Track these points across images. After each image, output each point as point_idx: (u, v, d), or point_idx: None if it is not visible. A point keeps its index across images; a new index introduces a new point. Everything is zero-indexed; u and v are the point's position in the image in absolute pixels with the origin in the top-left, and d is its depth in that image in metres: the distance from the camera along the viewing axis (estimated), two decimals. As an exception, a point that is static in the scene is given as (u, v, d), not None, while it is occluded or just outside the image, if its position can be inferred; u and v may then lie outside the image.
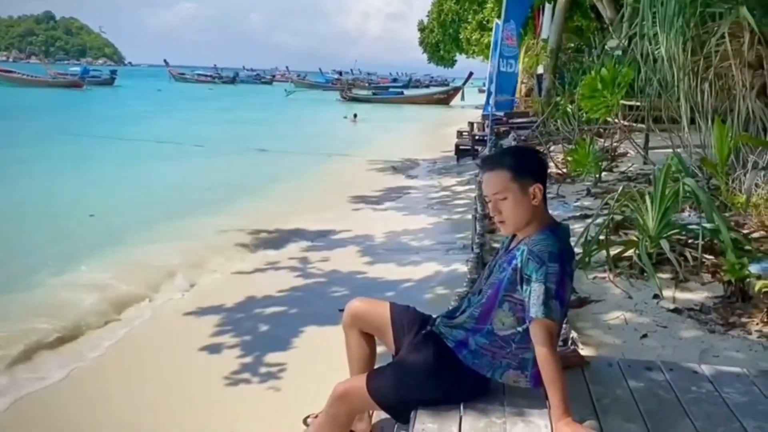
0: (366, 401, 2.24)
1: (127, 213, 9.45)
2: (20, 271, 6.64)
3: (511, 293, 2.13)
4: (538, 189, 2.15)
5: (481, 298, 2.23)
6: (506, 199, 2.14)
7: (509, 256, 2.18)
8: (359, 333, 2.55)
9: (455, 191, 11.21)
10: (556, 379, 2.01)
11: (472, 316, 2.23)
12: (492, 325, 2.18)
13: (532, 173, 2.17)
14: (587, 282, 4.34)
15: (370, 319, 2.52)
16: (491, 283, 2.21)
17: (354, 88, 56.19)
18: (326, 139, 21.58)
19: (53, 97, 37.38)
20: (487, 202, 2.23)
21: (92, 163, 14.45)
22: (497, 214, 2.18)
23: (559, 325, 2.10)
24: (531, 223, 2.17)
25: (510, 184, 2.13)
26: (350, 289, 6.14)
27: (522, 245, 2.12)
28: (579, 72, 12.86)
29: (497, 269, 2.23)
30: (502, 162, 2.18)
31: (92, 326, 5.26)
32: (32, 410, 3.94)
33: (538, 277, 2.02)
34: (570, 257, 2.17)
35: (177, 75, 77.92)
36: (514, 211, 2.14)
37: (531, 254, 2.05)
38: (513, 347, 2.17)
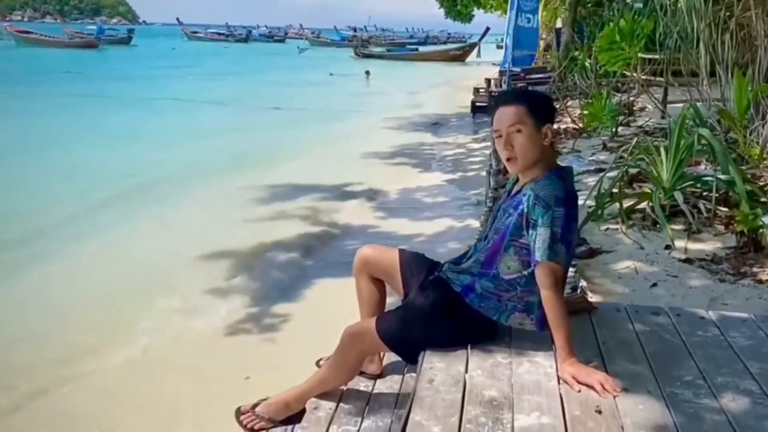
0: (375, 343, 2.29)
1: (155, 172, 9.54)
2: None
3: (516, 238, 2.15)
4: (549, 129, 2.17)
5: (487, 243, 2.25)
6: (520, 132, 2.14)
7: (515, 201, 2.20)
8: (369, 278, 2.59)
9: (470, 148, 11.14)
10: (561, 321, 2.05)
11: (477, 261, 2.25)
12: (498, 269, 2.21)
13: (546, 113, 2.19)
14: (599, 233, 4.34)
15: (379, 264, 2.55)
16: (497, 228, 2.23)
17: (369, 45, 55.38)
18: (338, 96, 21.44)
19: (71, 58, 37.29)
20: (498, 137, 2.20)
21: (121, 124, 14.51)
22: (508, 149, 2.16)
23: (564, 268, 2.12)
24: (538, 164, 2.17)
25: (526, 118, 2.13)
26: (362, 242, 6.14)
27: (528, 190, 2.13)
28: (598, 26, 12.63)
29: (502, 214, 2.24)
30: (520, 98, 2.21)
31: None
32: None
33: (544, 222, 2.04)
34: (575, 200, 2.18)
35: (190, 34, 77.33)
36: (526, 145, 2.14)
37: (537, 199, 2.07)
38: (518, 290, 2.19)
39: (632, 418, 1.79)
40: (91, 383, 3.65)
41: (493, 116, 2.21)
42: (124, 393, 3.57)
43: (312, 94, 21.42)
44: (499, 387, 1.98)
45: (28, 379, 3.71)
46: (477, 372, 2.08)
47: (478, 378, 2.05)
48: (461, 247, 5.76)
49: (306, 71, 32.13)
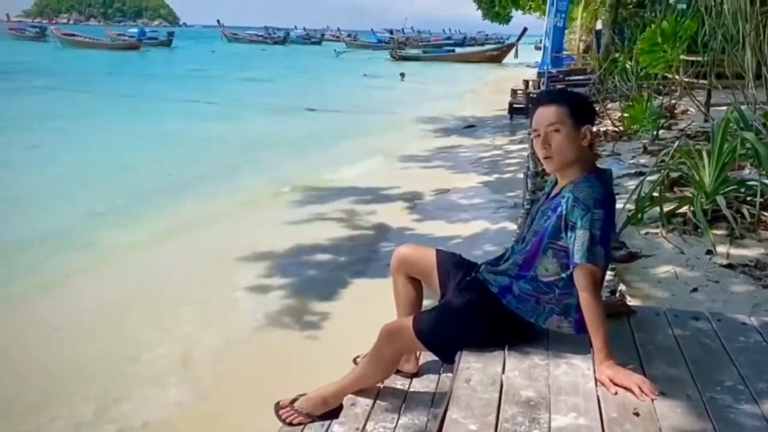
0: (412, 341, 2.32)
1: (192, 169, 9.74)
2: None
3: (555, 240, 2.16)
4: (588, 130, 2.18)
5: (525, 245, 2.25)
6: (558, 131, 2.15)
7: (553, 203, 2.20)
8: (406, 278, 2.62)
9: (507, 150, 11.09)
10: (599, 324, 2.05)
11: (515, 263, 2.26)
12: (536, 272, 2.21)
13: (587, 113, 2.21)
14: (639, 237, 4.30)
15: (417, 263, 2.58)
16: (535, 231, 2.23)
17: (406, 47, 55.37)
18: (374, 97, 21.53)
19: (114, 60, 38.22)
20: (537, 137, 2.21)
21: (159, 124, 14.85)
22: (546, 148, 2.18)
23: (602, 270, 2.12)
24: (575, 164, 2.17)
25: (565, 118, 2.15)
26: (399, 244, 6.17)
27: (566, 192, 2.13)
28: (640, 27, 12.43)
29: (540, 216, 2.25)
30: (561, 98, 2.22)
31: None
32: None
33: (583, 224, 2.04)
34: (613, 203, 2.18)
35: (229, 35, 78.45)
36: (563, 145, 2.15)
37: (576, 201, 2.07)
38: (556, 293, 2.20)
39: (670, 422, 1.79)
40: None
41: (533, 116, 2.23)
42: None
43: (347, 96, 21.55)
44: (536, 387, 1.99)
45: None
46: (514, 372, 2.09)
47: (515, 378, 2.06)
48: (497, 249, 5.76)
49: (342, 73, 32.37)
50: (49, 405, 3.48)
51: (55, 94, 20.33)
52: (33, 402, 3.53)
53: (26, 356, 4.09)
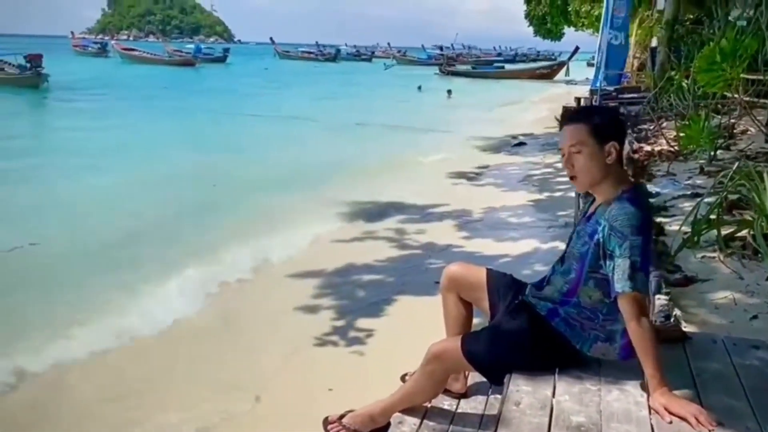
0: (460, 361, 2.30)
1: (242, 184, 9.95)
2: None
3: (596, 269, 2.14)
4: (614, 147, 2.14)
5: (567, 271, 2.23)
6: (580, 152, 2.14)
7: (589, 226, 2.18)
8: (457, 297, 2.61)
9: (558, 168, 10.93)
10: (650, 350, 2.00)
11: (559, 290, 2.25)
12: (579, 299, 2.20)
13: (610, 131, 2.15)
14: (695, 261, 4.18)
15: (467, 282, 2.57)
16: (575, 256, 2.21)
17: (455, 63, 55.37)
18: (422, 114, 21.59)
19: (170, 75, 39.50)
20: (562, 156, 2.22)
21: (210, 136, 15.27)
22: (570, 168, 2.19)
23: (645, 294, 2.08)
24: (604, 181, 2.15)
25: (587, 137, 2.13)
26: (447, 261, 6.16)
27: (602, 219, 2.10)
28: (697, 45, 12.14)
29: (577, 238, 2.24)
30: (582, 116, 2.20)
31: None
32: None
33: (622, 252, 2.01)
34: (650, 223, 2.16)
35: (282, 52, 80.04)
36: (586, 165, 2.14)
37: (612, 230, 2.04)
38: (600, 319, 2.17)
39: (728, 455, 1.74)
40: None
41: (561, 131, 2.23)
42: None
43: (396, 112, 21.68)
44: (587, 413, 1.96)
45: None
46: (564, 397, 2.07)
47: (565, 403, 2.03)
48: (547, 269, 5.63)
49: (391, 89, 32.57)
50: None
51: (111, 106, 21.11)
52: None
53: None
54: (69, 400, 3.82)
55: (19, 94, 25.13)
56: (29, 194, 9.19)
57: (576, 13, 28.25)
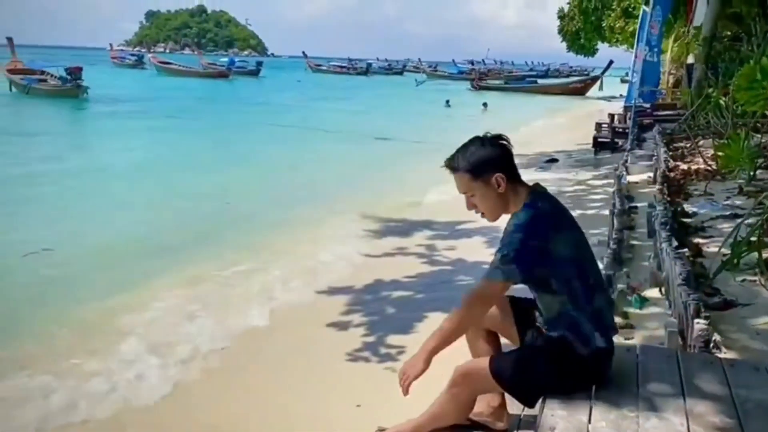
0: (488, 381, 2.26)
1: (268, 197, 10.04)
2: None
3: (532, 281, 2.23)
4: (500, 178, 2.19)
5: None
6: (474, 195, 2.23)
7: None
8: (482, 330, 2.50)
9: (591, 185, 10.81)
10: (443, 328, 2.17)
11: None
12: (545, 315, 2.27)
13: (488, 166, 2.20)
14: (734, 284, 4.07)
15: (492, 315, 2.46)
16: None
17: (487, 78, 55.27)
18: (452, 129, 21.50)
19: (204, 87, 40.20)
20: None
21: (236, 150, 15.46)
22: (474, 209, 2.28)
23: (504, 284, 2.15)
24: (508, 205, 2.23)
25: (471, 183, 2.22)
26: (476, 278, 6.13)
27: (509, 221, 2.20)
28: (735, 62, 11.92)
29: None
30: (459, 164, 2.24)
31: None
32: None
33: (499, 247, 2.14)
34: (540, 219, 2.14)
35: (314, 66, 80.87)
36: (484, 204, 2.24)
37: (505, 230, 2.17)
38: (576, 315, 2.19)
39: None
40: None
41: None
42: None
43: (424, 126, 21.68)
44: (625, 441, 1.91)
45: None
46: (601, 423, 2.02)
47: (602, 429, 1.98)
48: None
49: (421, 103, 32.61)
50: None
51: (146, 117, 21.54)
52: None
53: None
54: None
55: (59, 105, 25.84)
56: (54, 202, 9.44)
57: (610, 28, 28.04)
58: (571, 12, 34.70)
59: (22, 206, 9.15)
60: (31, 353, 4.66)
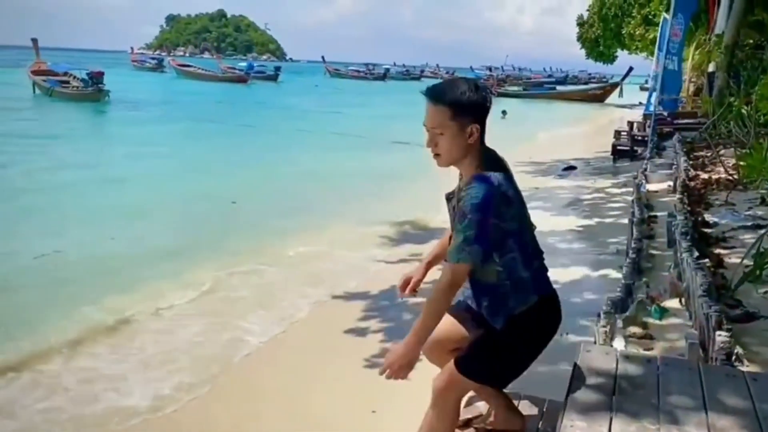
0: (464, 383, 2.29)
1: (284, 202, 10.07)
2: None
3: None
4: (475, 128, 2.12)
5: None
6: (443, 134, 2.12)
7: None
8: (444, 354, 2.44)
9: (609, 193, 10.74)
10: (427, 312, 2.13)
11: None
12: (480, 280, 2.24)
13: (472, 112, 2.12)
14: (757, 297, 4.01)
15: (446, 338, 2.42)
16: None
17: (506, 84, 55.07)
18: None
19: (222, 91, 40.50)
20: (426, 131, 2.16)
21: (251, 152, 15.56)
22: (433, 147, 2.17)
23: (471, 265, 2.11)
24: (464, 159, 2.16)
25: (447, 121, 2.11)
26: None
27: (461, 200, 2.11)
28: (758, 70, 11.80)
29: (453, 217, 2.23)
30: (445, 97, 2.12)
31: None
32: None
33: (459, 228, 2.08)
34: (497, 197, 2.08)
35: (332, 71, 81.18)
36: (448, 147, 2.14)
37: (462, 208, 2.09)
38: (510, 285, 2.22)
39: None
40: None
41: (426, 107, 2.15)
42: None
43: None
44: (646, 455, 1.89)
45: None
46: (621, 437, 2.00)
47: (623, 442, 1.96)
48: (597, 297, 5.54)
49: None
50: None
51: (164, 121, 21.75)
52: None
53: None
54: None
55: (81, 108, 26.17)
56: (67, 204, 9.58)
57: (630, 36, 27.91)
58: (590, 19, 34.58)
59: (36, 209, 9.26)
60: (38, 353, 4.71)
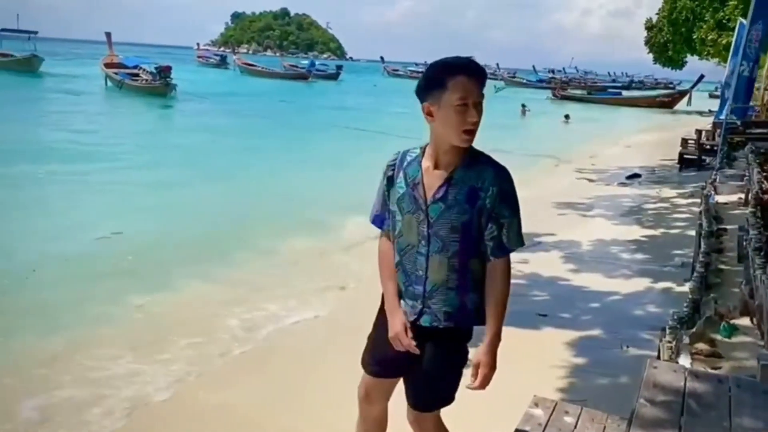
0: (439, 419, 2.25)
1: (337, 200, 10.12)
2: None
3: (481, 236, 2.10)
4: (426, 108, 2.02)
5: (445, 249, 2.09)
6: (480, 107, 2.02)
7: (461, 194, 2.03)
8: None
9: (675, 204, 10.39)
10: (502, 312, 2.08)
11: (450, 274, 2.12)
12: (471, 272, 2.13)
13: (421, 93, 2.03)
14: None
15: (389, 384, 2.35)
16: (452, 229, 2.06)
17: (568, 87, 53.95)
18: (532, 138, 21.18)
19: (285, 88, 41.17)
20: (468, 105, 1.99)
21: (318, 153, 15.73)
22: (475, 124, 2.04)
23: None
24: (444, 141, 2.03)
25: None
26: (551, 294, 6.01)
27: (483, 183, 2.03)
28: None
29: (445, 210, 2.06)
30: (483, 71, 2.04)
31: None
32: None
33: (513, 213, 2.10)
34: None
35: (391, 71, 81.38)
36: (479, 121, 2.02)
37: (505, 193, 2.05)
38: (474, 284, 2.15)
39: None
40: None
41: (465, 79, 1.96)
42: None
43: (505, 136, 21.29)
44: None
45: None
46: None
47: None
48: (659, 311, 5.37)
49: (497, 112, 32.12)
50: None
51: (229, 116, 22.23)
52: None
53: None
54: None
55: (149, 100, 27.07)
56: (131, 194, 9.88)
57: (701, 41, 26.89)
58: (659, 23, 33.48)
59: (101, 196, 9.68)
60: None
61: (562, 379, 4.23)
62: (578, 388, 4.04)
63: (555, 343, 4.80)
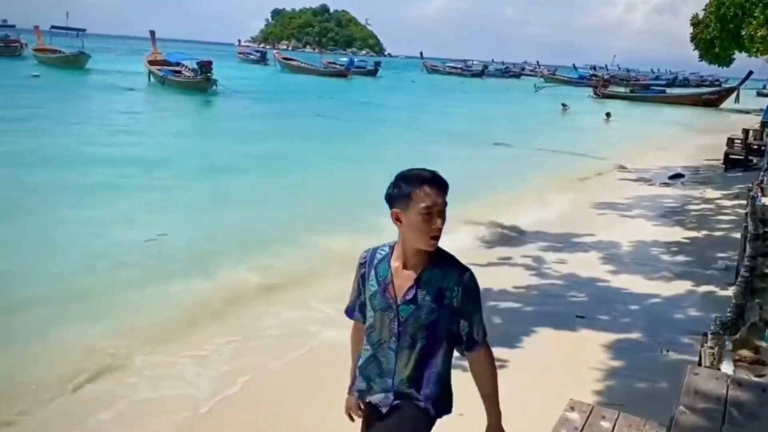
0: None
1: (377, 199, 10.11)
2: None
3: (449, 332, 2.17)
4: (395, 214, 2.10)
5: (411, 346, 2.15)
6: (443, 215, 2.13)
7: (429, 294, 2.11)
8: None
9: (720, 205, 10.12)
10: (496, 390, 2.17)
11: (414, 368, 2.17)
12: (438, 365, 2.19)
13: (389, 200, 2.11)
14: None
15: None
16: (419, 327, 2.13)
17: (610, 85, 52.90)
18: (575, 138, 20.83)
19: (324, 85, 41.41)
20: (435, 212, 2.10)
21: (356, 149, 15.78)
22: (440, 230, 2.14)
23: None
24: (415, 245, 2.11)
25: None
26: (589, 295, 5.93)
27: (448, 284, 2.11)
28: None
29: (416, 311, 2.13)
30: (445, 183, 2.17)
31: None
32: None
33: (477, 308, 2.15)
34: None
35: (429, 67, 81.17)
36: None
37: (471, 292, 2.12)
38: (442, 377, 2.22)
39: None
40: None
41: (429, 190, 2.08)
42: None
43: (545, 134, 21.07)
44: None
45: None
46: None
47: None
48: (701, 315, 5.25)
49: (542, 111, 31.77)
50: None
51: (269, 112, 22.47)
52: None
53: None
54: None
55: (190, 95, 27.57)
56: (173, 193, 9.88)
57: (750, 37, 26.02)
58: (706, 19, 32.52)
59: (145, 195, 9.67)
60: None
61: (598, 382, 4.17)
62: (615, 392, 3.98)
63: (592, 346, 4.73)
